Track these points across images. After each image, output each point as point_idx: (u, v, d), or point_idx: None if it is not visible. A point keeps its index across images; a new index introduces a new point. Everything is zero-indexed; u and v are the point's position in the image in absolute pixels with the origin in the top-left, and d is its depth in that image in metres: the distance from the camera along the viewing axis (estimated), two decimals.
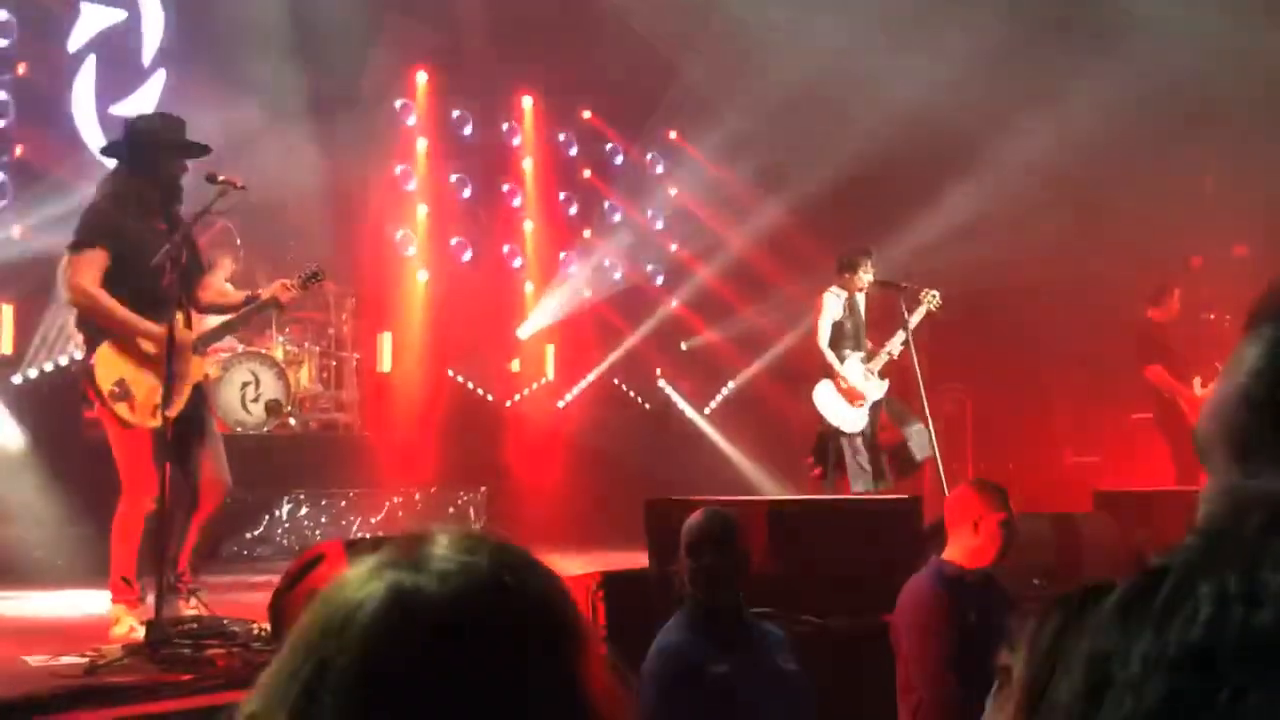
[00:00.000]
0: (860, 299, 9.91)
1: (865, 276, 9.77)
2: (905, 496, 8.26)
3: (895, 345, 9.66)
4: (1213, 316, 12.19)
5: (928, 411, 9.32)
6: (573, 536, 10.27)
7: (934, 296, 9.76)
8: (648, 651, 4.29)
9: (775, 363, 15.31)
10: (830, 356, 9.69)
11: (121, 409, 6.03)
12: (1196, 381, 10.57)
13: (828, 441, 9.81)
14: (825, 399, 9.73)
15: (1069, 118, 13.37)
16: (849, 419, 9.68)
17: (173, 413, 5.98)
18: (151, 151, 6.32)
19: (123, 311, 6.07)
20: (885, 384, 9.77)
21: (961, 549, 5.12)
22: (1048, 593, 7.04)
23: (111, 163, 6.56)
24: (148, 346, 6.07)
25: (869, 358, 9.74)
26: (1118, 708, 0.86)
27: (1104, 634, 0.90)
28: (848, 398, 9.65)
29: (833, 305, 9.78)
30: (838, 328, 9.78)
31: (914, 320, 9.64)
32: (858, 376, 9.66)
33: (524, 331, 14.77)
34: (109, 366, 6.07)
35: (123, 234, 6.13)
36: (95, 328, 6.18)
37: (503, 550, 1.10)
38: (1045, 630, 1.61)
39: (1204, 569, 0.88)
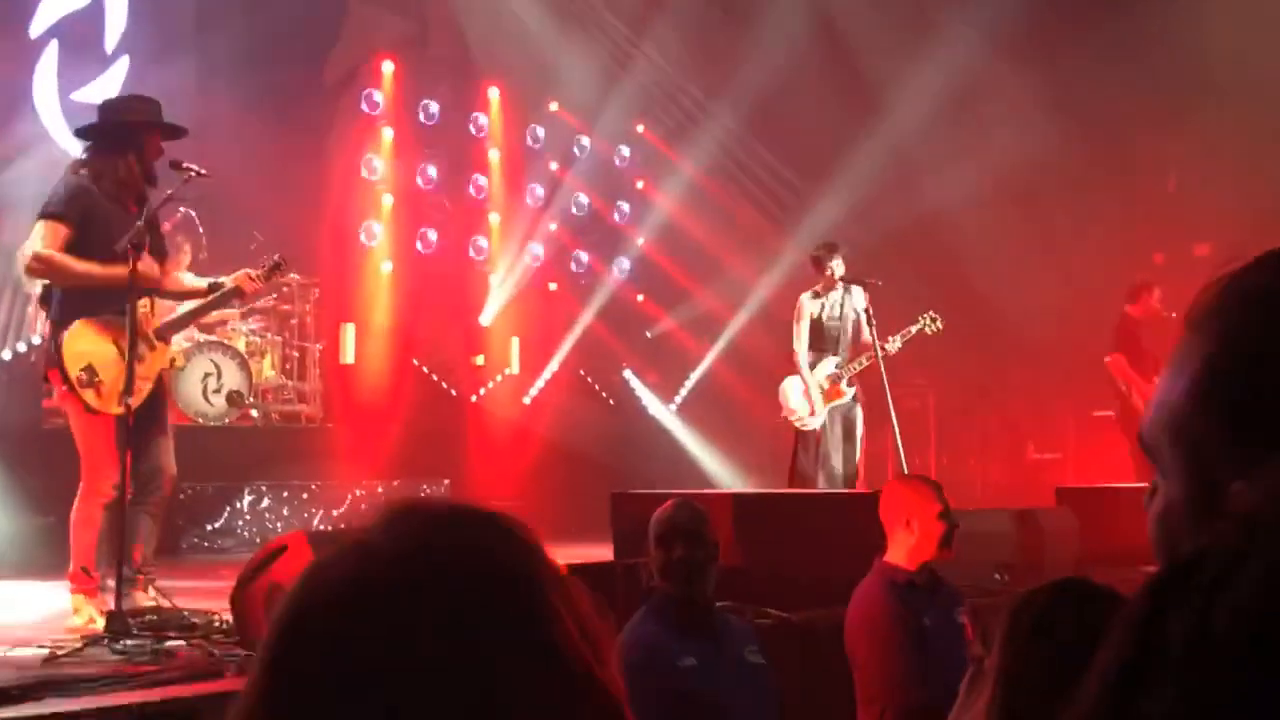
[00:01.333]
0: (847, 298, 9.66)
1: (836, 273, 9.62)
2: (869, 491, 8.27)
3: (865, 360, 9.53)
4: (1175, 315, 12.25)
5: (893, 411, 9.27)
6: (536, 529, 10.22)
7: (933, 320, 9.61)
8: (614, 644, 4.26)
9: (741, 357, 15.32)
10: (801, 361, 9.60)
11: (89, 395, 5.95)
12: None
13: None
14: (789, 395, 9.69)
15: (1032, 115, 13.44)
16: (807, 417, 9.62)
17: (137, 400, 5.93)
18: (125, 131, 6.25)
19: (82, 264, 5.96)
20: (853, 390, 9.66)
21: (902, 550, 5.01)
22: (1010, 587, 7.11)
23: (80, 147, 6.49)
24: (114, 331, 6.00)
25: (844, 362, 9.61)
26: (1160, 691, 0.82)
27: (1134, 619, 0.86)
28: (810, 397, 9.60)
29: (809, 307, 9.65)
30: (815, 328, 9.66)
31: (898, 342, 9.47)
32: (824, 378, 9.59)
33: (485, 317, 14.73)
34: (77, 351, 5.99)
35: (92, 213, 6.06)
36: (59, 306, 6.09)
37: (410, 513, 1.03)
38: (1020, 622, 1.62)
39: (1250, 552, 0.84)
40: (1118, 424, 11.08)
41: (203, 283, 6.73)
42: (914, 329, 9.58)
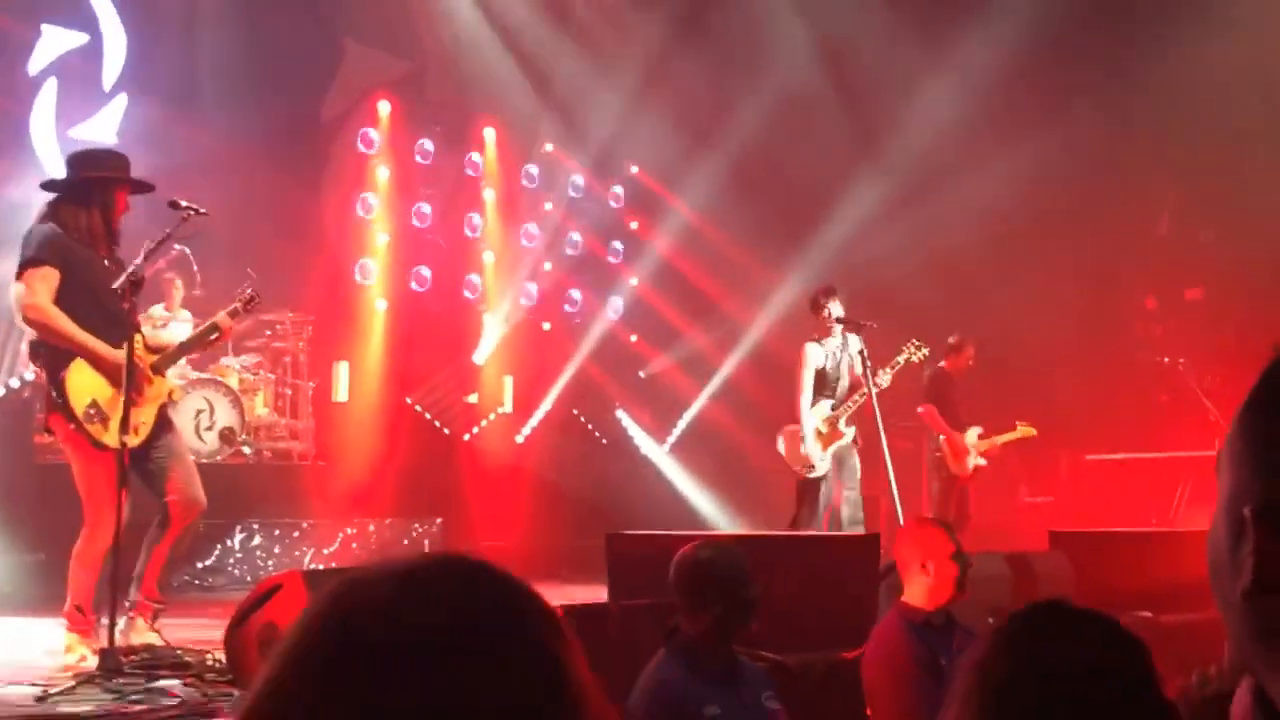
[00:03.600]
0: (846, 342, 9.64)
1: (834, 314, 9.58)
2: (863, 534, 8.26)
3: (858, 398, 9.51)
4: (1166, 359, 12.30)
5: (887, 453, 9.25)
6: (529, 569, 10.16)
7: (918, 348, 9.64)
8: (631, 687, 4.16)
9: (733, 398, 15.33)
10: (804, 407, 9.54)
11: (95, 429, 5.94)
12: (973, 431, 11.33)
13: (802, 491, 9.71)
14: (790, 444, 9.65)
15: (1026, 160, 13.50)
16: (810, 465, 9.57)
17: (140, 436, 5.93)
18: (92, 185, 6.24)
19: (79, 333, 5.98)
20: (852, 430, 9.62)
21: (919, 591, 5.04)
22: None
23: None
24: (112, 368, 5.99)
25: (838, 404, 9.58)
26: None
27: None
28: (809, 442, 9.55)
29: (813, 355, 9.59)
30: (818, 375, 9.61)
31: (888, 375, 9.44)
32: (821, 421, 9.56)
33: (479, 356, 14.73)
34: (80, 388, 5.98)
35: (71, 257, 6.06)
36: (53, 349, 6.08)
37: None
38: (998, 643, 1.65)
39: None
40: (926, 467, 11.69)
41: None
42: (900, 359, 9.62)
